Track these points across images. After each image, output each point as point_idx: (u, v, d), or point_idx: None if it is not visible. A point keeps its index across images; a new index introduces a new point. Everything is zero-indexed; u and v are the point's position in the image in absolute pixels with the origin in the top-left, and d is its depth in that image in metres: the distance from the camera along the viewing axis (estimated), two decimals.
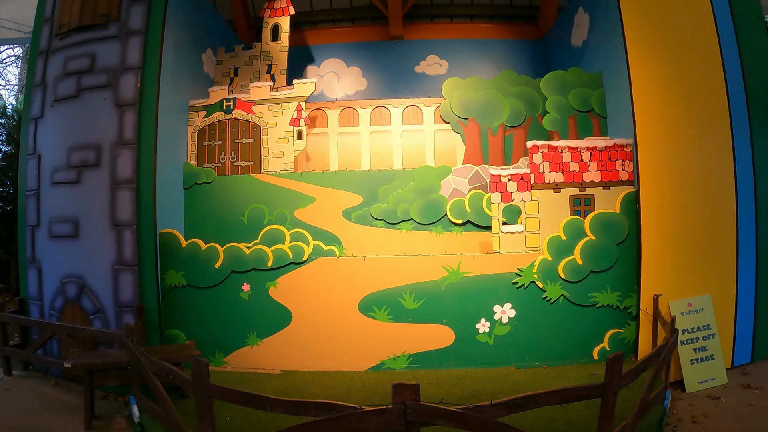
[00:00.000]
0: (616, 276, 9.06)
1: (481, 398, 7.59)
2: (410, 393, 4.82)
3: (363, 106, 11.67)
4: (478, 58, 14.79)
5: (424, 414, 4.84)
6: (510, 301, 9.09)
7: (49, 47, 10.08)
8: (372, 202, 10.49)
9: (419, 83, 14.66)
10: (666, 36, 9.07)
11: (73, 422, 7.53)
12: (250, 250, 9.44)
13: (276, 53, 12.38)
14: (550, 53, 14.18)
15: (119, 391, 8.57)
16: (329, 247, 9.63)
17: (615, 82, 9.79)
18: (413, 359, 9.14)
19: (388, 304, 9.18)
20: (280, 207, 10.37)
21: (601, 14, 10.40)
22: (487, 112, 11.12)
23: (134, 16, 9.55)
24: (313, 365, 9.22)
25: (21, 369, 9.64)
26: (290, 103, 10.90)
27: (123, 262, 8.97)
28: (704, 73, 9.02)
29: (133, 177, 9.05)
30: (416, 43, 15.01)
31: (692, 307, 8.50)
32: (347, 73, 15.00)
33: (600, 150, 9.37)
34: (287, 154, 10.79)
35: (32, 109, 10.05)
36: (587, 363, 9.03)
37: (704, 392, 8.07)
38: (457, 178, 10.43)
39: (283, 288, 9.38)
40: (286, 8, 12.52)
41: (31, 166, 9.88)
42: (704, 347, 8.39)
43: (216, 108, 11.16)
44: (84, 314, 9.14)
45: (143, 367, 6.71)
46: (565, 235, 9.03)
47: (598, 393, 5.55)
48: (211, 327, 9.43)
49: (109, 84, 9.36)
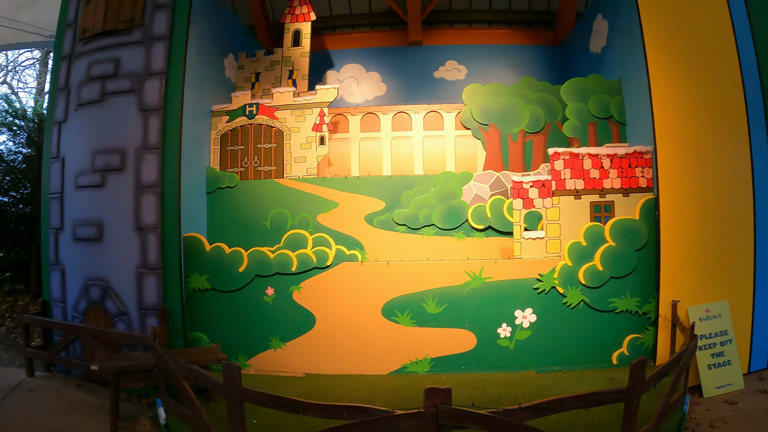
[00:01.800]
0: (635, 282, 9.10)
1: (503, 402, 7.66)
2: (442, 397, 4.88)
3: (384, 111, 11.74)
4: (497, 63, 14.83)
5: (455, 417, 4.90)
6: (531, 306, 9.15)
7: (73, 52, 10.16)
8: (394, 207, 10.56)
9: (438, 89, 14.69)
10: (685, 43, 9.11)
11: (97, 424, 7.61)
12: (274, 254, 9.51)
13: (297, 58, 12.46)
14: (568, 59, 14.21)
15: (143, 393, 8.66)
16: (351, 252, 9.69)
17: (634, 89, 9.82)
18: (435, 363, 9.20)
19: (411, 309, 9.25)
20: (302, 212, 10.45)
21: (620, 21, 10.43)
22: (507, 119, 11.18)
23: (158, 22, 9.62)
24: (336, 368, 9.28)
25: (43, 370, 9.71)
26: (313, 109, 10.97)
27: (147, 266, 9.06)
28: (723, 80, 9.06)
29: (158, 181, 9.13)
30: (435, 48, 15.05)
31: (710, 313, 8.53)
32: (367, 78, 15.06)
33: (620, 157, 9.42)
34: (310, 160, 10.86)
35: (56, 112, 10.13)
36: (606, 368, 9.06)
37: (721, 397, 8.11)
38: (479, 184, 10.48)
39: (306, 292, 9.46)
40: (307, 14, 12.60)
41: (54, 170, 9.96)
42: (722, 353, 8.41)
43: (239, 113, 11.24)
44: (107, 317, 9.22)
45: (171, 371, 6.77)
46: (585, 241, 9.08)
47: (622, 397, 5.60)
48: (234, 330, 9.49)
49: (134, 89, 9.44)
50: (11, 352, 10.80)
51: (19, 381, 9.07)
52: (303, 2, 12.69)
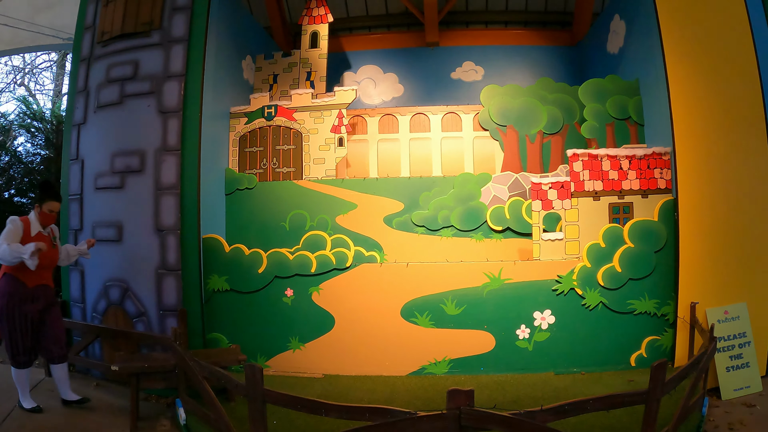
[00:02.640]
0: (653, 283, 9.07)
1: (522, 403, 7.64)
2: (465, 398, 4.88)
3: (402, 113, 11.75)
4: (514, 64, 14.80)
5: (478, 419, 4.90)
6: (550, 307, 9.14)
7: (91, 54, 10.22)
8: (413, 208, 10.56)
9: (455, 90, 14.67)
10: (703, 44, 9.07)
11: (117, 424, 7.62)
12: (293, 255, 9.54)
13: (315, 60, 12.49)
14: (585, 60, 14.18)
15: (162, 393, 8.69)
16: (371, 253, 9.70)
17: (652, 90, 9.80)
18: (454, 364, 9.20)
19: (430, 310, 9.25)
20: (321, 213, 10.47)
21: (638, 22, 10.42)
22: (525, 120, 11.18)
23: (177, 24, 9.66)
24: (355, 370, 9.29)
25: None
26: (331, 110, 10.99)
27: (166, 267, 9.11)
28: (741, 80, 9.00)
29: (177, 183, 9.18)
30: (452, 49, 15.03)
31: (728, 315, 8.48)
32: (384, 79, 15.08)
33: (639, 158, 9.40)
34: (329, 161, 10.88)
35: (75, 115, 10.20)
36: (624, 370, 9.04)
37: (739, 399, 8.07)
38: (497, 185, 10.48)
39: (326, 293, 9.48)
40: (325, 16, 12.62)
41: (74, 171, 10.03)
42: (740, 355, 8.37)
43: (257, 115, 11.28)
44: (127, 317, 9.27)
45: (192, 371, 6.80)
46: (604, 242, 9.06)
47: (642, 399, 5.58)
48: (253, 331, 9.52)
49: (153, 91, 9.49)
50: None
51: (39, 381, 9.11)
52: (320, 4, 12.72)
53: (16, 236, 7.55)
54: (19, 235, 7.58)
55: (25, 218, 7.79)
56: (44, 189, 8.05)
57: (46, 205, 7.88)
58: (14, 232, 7.58)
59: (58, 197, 8.09)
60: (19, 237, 7.57)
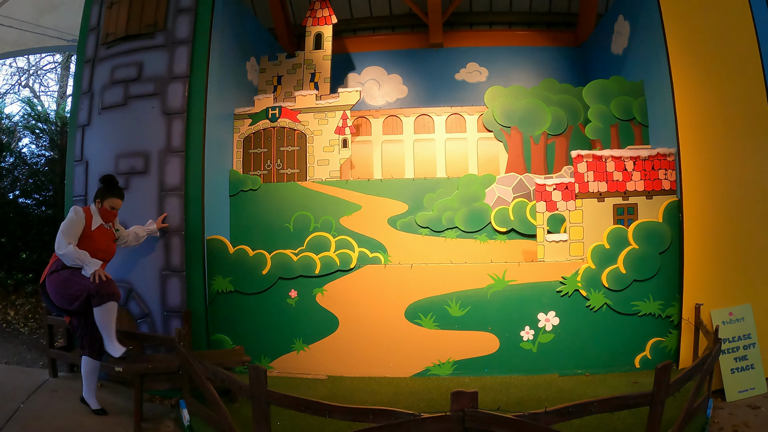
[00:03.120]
0: (658, 285, 9.05)
1: (526, 405, 7.63)
2: (469, 400, 4.89)
3: (406, 114, 11.75)
4: (518, 65, 14.77)
5: (482, 421, 4.91)
6: (554, 309, 9.13)
7: (96, 56, 10.22)
8: (417, 210, 10.54)
9: (459, 91, 14.64)
10: (707, 44, 9.07)
11: (121, 424, 7.63)
12: (297, 257, 9.54)
13: (319, 62, 12.50)
14: (589, 60, 14.16)
15: (166, 394, 8.72)
16: (375, 255, 9.72)
17: (657, 91, 9.77)
18: (458, 366, 9.20)
19: (434, 312, 9.24)
20: (325, 214, 10.45)
21: (642, 22, 10.39)
22: (529, 121, 11.16)
23: (181, 26, 9.68)
24: (359, 371, 9.29)
25: (66, 371, 9.76)
26: (335, 112, 10.98)
27: (171, 268, 9.12)
28: (746, 81, 9.01)
29: (181, 184, 9.19)
30: (456, 50, 15.00)
31: (733, 316, 8.47)
32: (388, 80, 15.05)
33: (643, 159, 9.38)
34: (333, 162, 10.87)
35: (79, 116, 10.19)
36: (629, 371, 9.01)
37: (744, 401, 8.05)
38: (501, 186, 10.46)
39: (330, 295, 9.48)
40: (329, 17, 12.63)
41: (78, 173, 10.02)
42: (745, 356, 8.36)
43: (261, 116, 11.26)
44: (131, 318, 9.28)
45: (196, 372, 6.81)
46: (608, 244, 9.05)
47: (647, 401, 5.60)
48: (257, 332, 9.52)
49: (157, 92, 9.50)
50: (34, 353, 10.88)
51: (43, 381, 9.14)
52: (324, 5, 12.73)
53: (78, 230, 7.54)
54: (81, 229, 7.57)
55: (87, 209, 7.78)
56: (107, 184, 8.03)
57: (108, 201, 7.92)
58: (77, 224, 7.57)
59: (121, 194, 8.13)
60: (80, 231, 7.56)
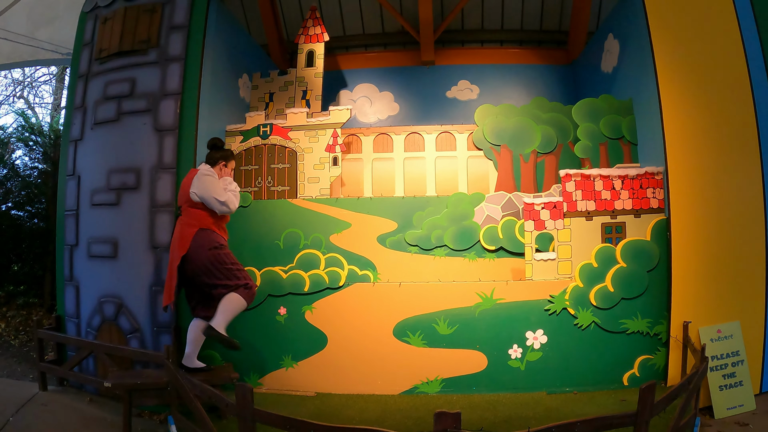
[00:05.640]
0: (646, 303, 9.08)
1: (514, 423, 7.68)
2: (452, 421, 4.92)
3: (397, 132, 11.78)
4: (508, 83, 14.85)
5: None
6: (542, 327, 9.15)
7: (89, 71, 10.30)
8: (406, 228, 10.52)
9: (450, 108, 14.72)
10: (696, 63, 9.13)
11: None
12: (287, 274, 9.59)
13: (311, 79, 12.54)
14: (579, 78, 14.23)
15: (154, 409, 8.74)
16: (364, 272, 9.75)
17: (645, 110, 9.82)
18: (446, 384, 9.20)
19: (423, 330, 9.27)
20: (315, 232, 10.42)
21: (631, 41, 10.44)
22: (519, 139, 11.20)
23: (173, 43, 9.77)
24: (348, 388, 9.30)
25: (56, 384, 9.82)
26: (326, 129, 11.00)
27: (161, 284, 9.11)
28: (734, 100, 9.07)
29: (172, 201, 9.26)
30: (447, 68, 15.08)
31: (721, 334, 8.51)
32: (380, 97, 15.12)
33: (631, 178, 9.43)
34: (323, 180, 10.89)
35: (72, 131, 10.27)
36: (617, 389, 9.03)
37: (732, 418, 8.07)
38: (490, 205, 10.47)
39: (319, 312, 9.50)
40: (321, 35, 12.67)
41: (70, 187, 10.09)
42: (733, 373, 8.38)
43: (253, 133, 11.29)
44: (121, 333, 9.33)
45: (184, 389, 6.84)
46: (596, 262, 9.09)
47: (631, 421, 5.63)
48: (246, 349, 9.40)
49: (149, 109, 9.58)
50: (24, 366, 10.92)
51: (33, 395, 9.17)
52: (317, 23, 12.79)
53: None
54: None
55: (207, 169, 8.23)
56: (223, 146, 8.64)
57: (231, 164, 8.51)
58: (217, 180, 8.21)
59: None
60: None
